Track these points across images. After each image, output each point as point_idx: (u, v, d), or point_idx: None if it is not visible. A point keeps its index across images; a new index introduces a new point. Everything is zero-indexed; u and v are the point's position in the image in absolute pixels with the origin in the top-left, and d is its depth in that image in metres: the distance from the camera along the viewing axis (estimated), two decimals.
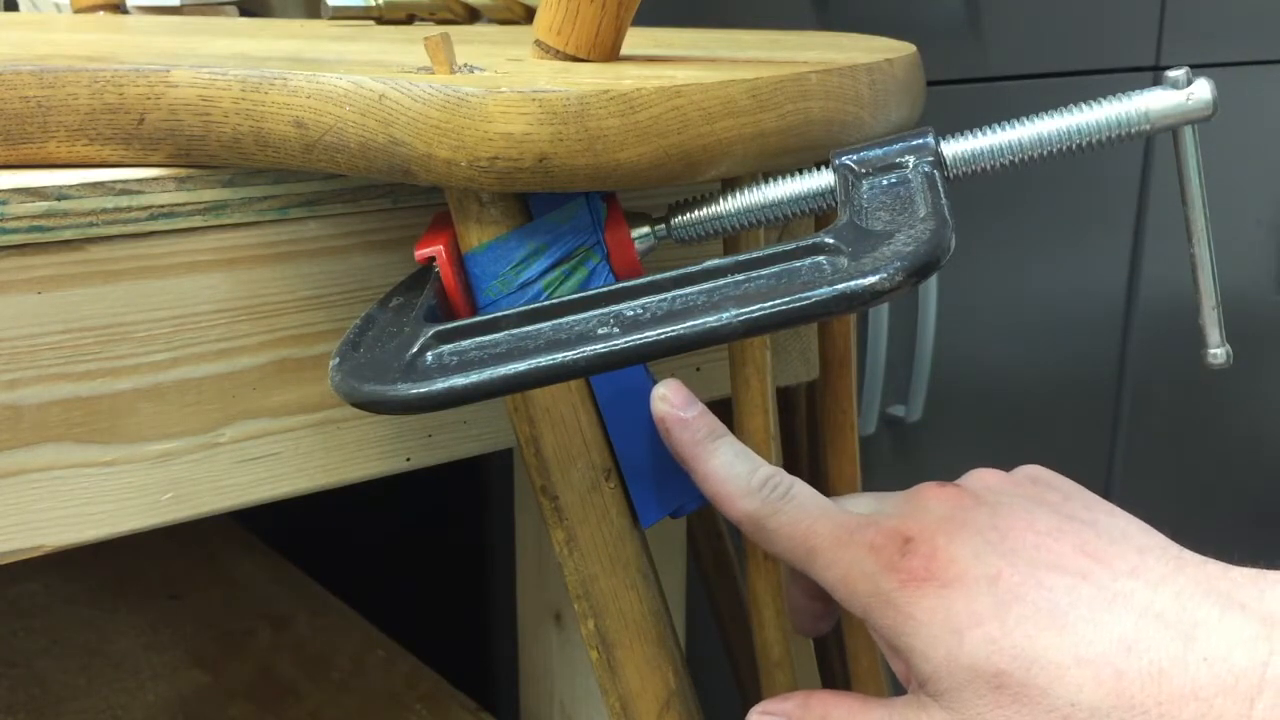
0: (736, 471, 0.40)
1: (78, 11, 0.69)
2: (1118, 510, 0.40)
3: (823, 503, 0.40)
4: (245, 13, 0.72)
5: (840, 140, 0.43)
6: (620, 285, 0.36)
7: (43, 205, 0.38)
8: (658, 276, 0.36)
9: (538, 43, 0.42)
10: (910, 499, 0.40)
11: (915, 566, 0.37)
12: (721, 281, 0.36)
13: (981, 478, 0.41)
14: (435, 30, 0.48)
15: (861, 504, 0.41)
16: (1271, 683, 0.33)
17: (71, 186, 0.38)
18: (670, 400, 0.41)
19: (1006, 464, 0.43)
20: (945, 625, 0.36)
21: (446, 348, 0.36)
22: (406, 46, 0.48)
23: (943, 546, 0.37)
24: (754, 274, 0.35)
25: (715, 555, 0.69)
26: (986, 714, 0.35)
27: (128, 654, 0.77)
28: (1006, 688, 0.35)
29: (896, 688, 0.64)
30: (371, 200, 0.43)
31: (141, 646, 0.77)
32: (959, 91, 1.03)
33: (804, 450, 0.61)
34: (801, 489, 0.40)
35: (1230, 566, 0.37)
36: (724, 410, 0.44)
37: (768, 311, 0.33)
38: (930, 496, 0.39)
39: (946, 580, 0.37)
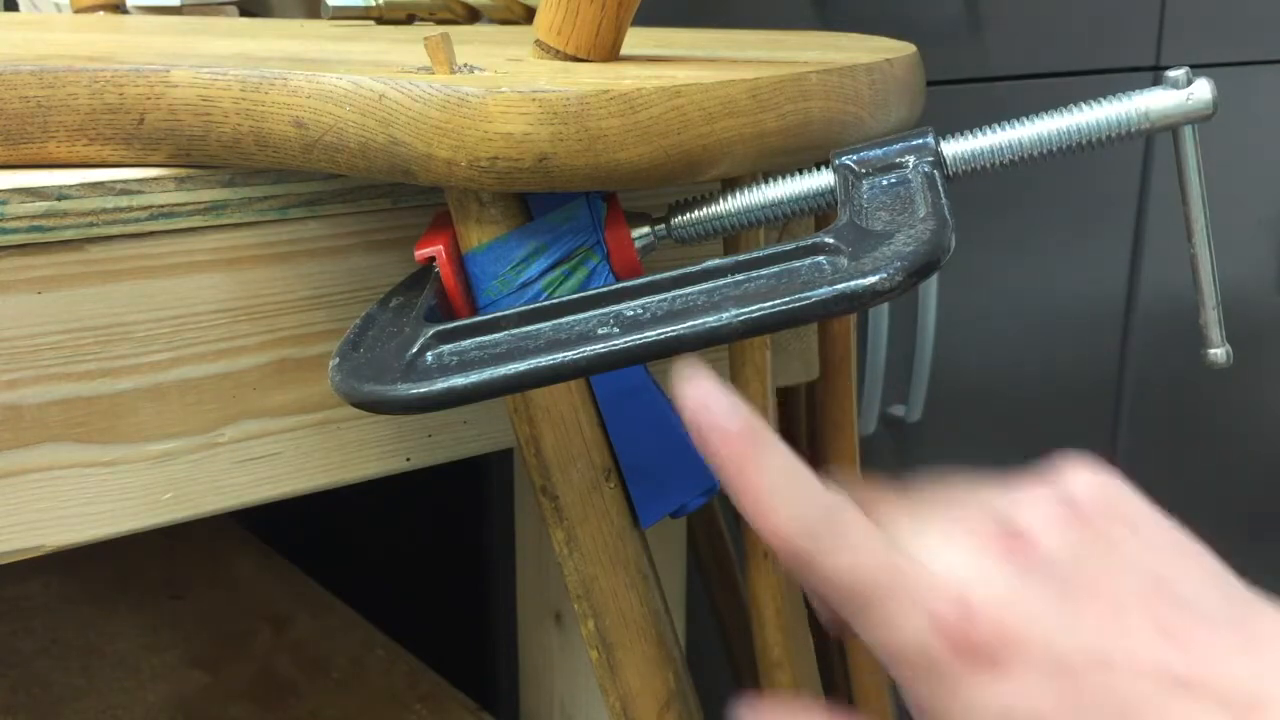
0: (789, 499, 0.34)
1: (78, 11, 0.69)
2: (1205, 556, 0.35)
3: (881, 548, 0.34)
4: (245, 13, 0.72)
5: (840, 140, 0.43)
6: (620, 285, 0.36)
7: (43, 205, 0.38)
8: (658, 276, 0.36)
9: (538, 43, 0.42)
10: (981, 549, 0.34)
11: (975, 645, 0.32)
12: (721, 281, 0.36)
13: (1047, 520, 0.35)
14: (435, 30, 0.48)
15: (928, 539, 0.35)
16: None
17: (71, 186, 0.38)
18: (710, 407, 0.34)
19: (1005, 464, 0.42)
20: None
21: (446, 348, 0.36)
22: (406, 46, 0.48)
23: (1010, 625, 0.33)
24: (754, 274, 0.35)
25: (715, 555, 0.69)
26: None
27: (128, 654, 0.76)
28: None
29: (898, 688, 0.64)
30: (371, 200, 0.43)
31: (141, 646, 0.77)
32: (959, 91, 1.03)
33: (804, 450, 0.61)
34: (858, 527, 0.35)
35: None
36: None
37: (768, 311, 0.33)
38: (1005, 551, 0.34)
39: (1007, 668, 0.32)
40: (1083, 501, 0.36)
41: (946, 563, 0.34)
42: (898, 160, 0.39)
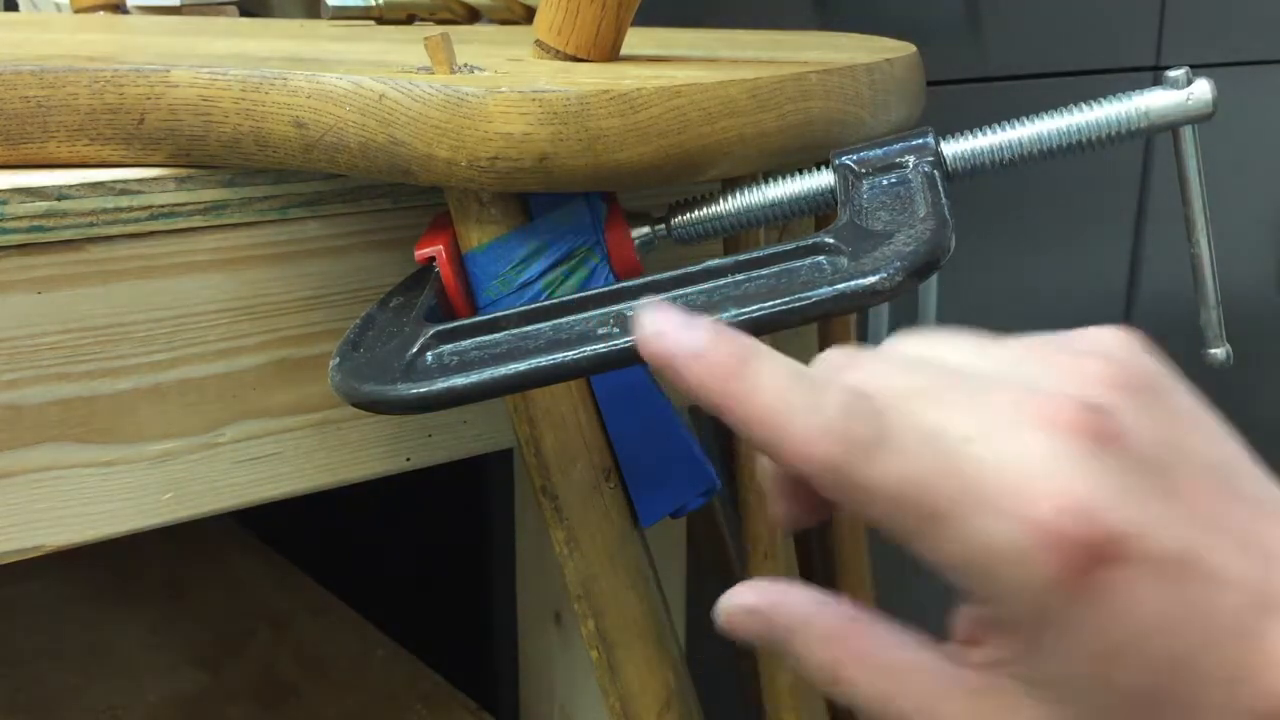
0: (797, 403, 0.28)
1: (78, 11, 0.69)
2: (1241, 451, 0.31)
3: (937, 444, 0.28)
4: (245, 13, 0.72)
5: (840, 140, 0.43)
6: (620, 285, 0.36)
7: (43, 205, 0.38)
8: (658, 276, 0.36)
9: (538, 43, 0.42)
10: (1064, 436, 0.28)
11: (1078, 553, 0.27)
12: (721, 281, 0.36)
13: (1111, 391, 0.29)
14: (435, 30, 0.48)
15: (994, 425, 0.28)
16: None
17: (71, 186, 0.38)
18: (665, 334, 0.29)
19: None
20: (1095, 643, 0.28)
21: (446, 348, 0.36)
22: (406, 46, 0.48)
23: (1111, 520, 0.27)
24: (754, 274, 0.35)
25: (715, 555, 0.69)
26: None
27: (128, 654, 0.76)
28: (1134, 702, 0.28)
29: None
30: (371, 200, 0.43)
31: (141, 646, 0.77)
32: (959, 91, 1.03)
33: None
34: (900, 422, 0.28)
35: None
36: None
37: (768, 311, 0.33)
38: (1093, 437, 0.28)
39: (1111, 570, 0.27)
40: (1133, 370, 0.30)
41: (1027, 455, 0.28)
42: (898, 160, 0.39)
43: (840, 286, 0.33)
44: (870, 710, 0.30)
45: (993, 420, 0.28)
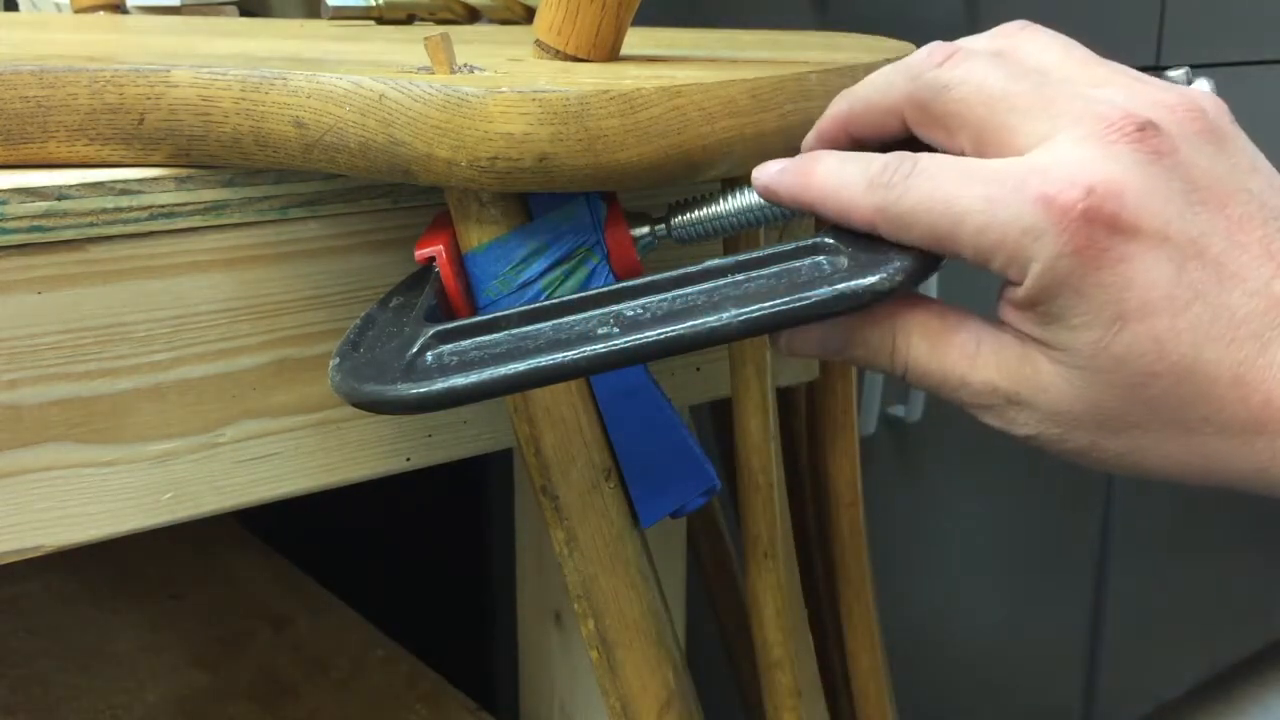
0: (848, 173, 0.35)
1: (78, 11, 0.69)
2: None
3: (968, 164, 0.33)
4: (245, 13, 0.72)
5: None
6: (620, 285, 0.36)
7: (43, 205, 0.38)
8: (658, 276, 0.36)
9: (538, 43, 0.42)
10: (1092, 136, 0.32)
11: (1097, 224, 0.31)
12: (721, 281, 0.36)
13: (1176, 115, 0.33)
14: (435, 30, 0.48)
15: (1042, 134, 0.32)
16: None
17: (71, 186, 0.38)
18: (760, 174, 0.37)
19: (1006, 464, 0.42)
20: (1111, 307, 0.31)
21: (446, 348, 0.36)
22: (406, 46, 0.48)
23: (1132, 203, 0.31)
24: (754, 274, 0.35)
25: (715, 555, 0.69)
26: (1111, 406, 0.32)
27: (128, 654, 0.77)
28: (1147, 388, 0.31)
29: (898, 688, 0.64)
30: (371, 200, 0.43)
31: (141, 646, 0.77)
32: None
33: (804, 450, 0.61)
34: (935, 158, 0.33)
35: None
36: (724, 410, 0.44)
37: (768, 311, 0.33)
38: (1119, 137, 0.32)
39: (1129, 243, 0.31)
40: (1210, 113, 0.34)
41: (1062, 154, 0.32)
42: None
43: (840, 286, 0.33)
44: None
45: (1052, 124, 0.32)
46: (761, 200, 0.41)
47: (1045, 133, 0.32)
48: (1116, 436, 0.33)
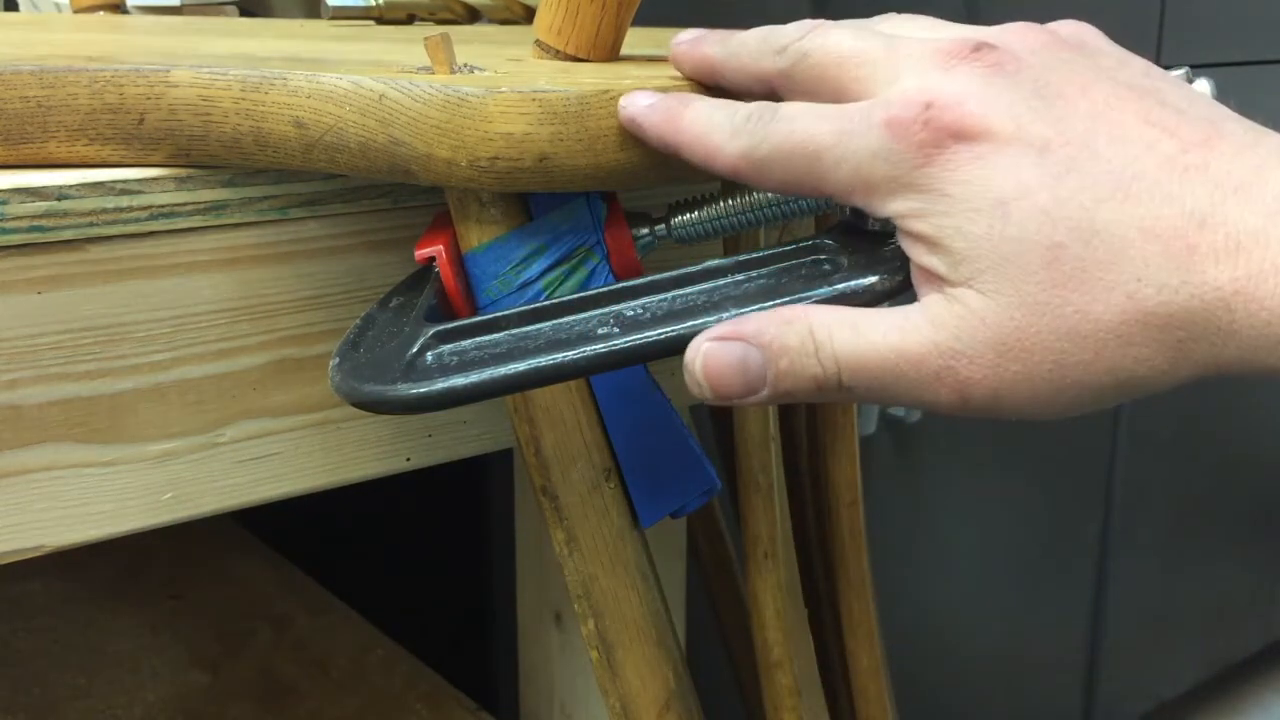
0: (716, 119, 0.35)
1: (78, 11, 0.69)
2: (1180, 81, 0.35)
3: (823, 107, 0.34)
4: (245, 13, 0.72)
5: None
6: (620, 285, 0.36)
7: (43, 205, 0.38)
8: (658, 276, 0.36)
9: (538, 43, 0.42)
10: (932, 66, 0.33)
11: (941, 131, 0.32)
12: (721, 281, 0.36)
13: (1021, 36, 0.34)
14: (435, 30, 0.48)
15: (892, 72, 0.34)
16: None
17: (71, 186, 0.38)
18: (627, 104, 0.37)
19: (1006, 464, 0.42)
20: (986, 196, 0.31)
21: (446, 348, 0.36)
22: (406, 46, 0.48)
23: (974, 108, 0.32)
24: (754, 274, 0.35)
25: (715, 555, 0.69)
26: (1038, 295, 0.31)
27: (128, 654, 0.77)
28: (1062, 262, 0.31)
29: (898, 688, 0.64)
30: (371, 200, 0.43)
31: (141, 646, 0.77)
32: None
33: (804, 450, 0.61)
34: (795, 105, 0.35)
35: None
36: (724, 410, 0.44)
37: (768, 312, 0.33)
38: (957, 60, 0.33)
39: (982, 142, 0.32)
40: (1063, 33, 0.35)
41: (904, 84, 0.33)
42: None
43: (840, 286, 0.33)
44: None
45: (898, 69, 0.34)
46: (761, 200, 0.41)
47: (892, 77, 0.34)
48: (1080, 338, 0.31)
